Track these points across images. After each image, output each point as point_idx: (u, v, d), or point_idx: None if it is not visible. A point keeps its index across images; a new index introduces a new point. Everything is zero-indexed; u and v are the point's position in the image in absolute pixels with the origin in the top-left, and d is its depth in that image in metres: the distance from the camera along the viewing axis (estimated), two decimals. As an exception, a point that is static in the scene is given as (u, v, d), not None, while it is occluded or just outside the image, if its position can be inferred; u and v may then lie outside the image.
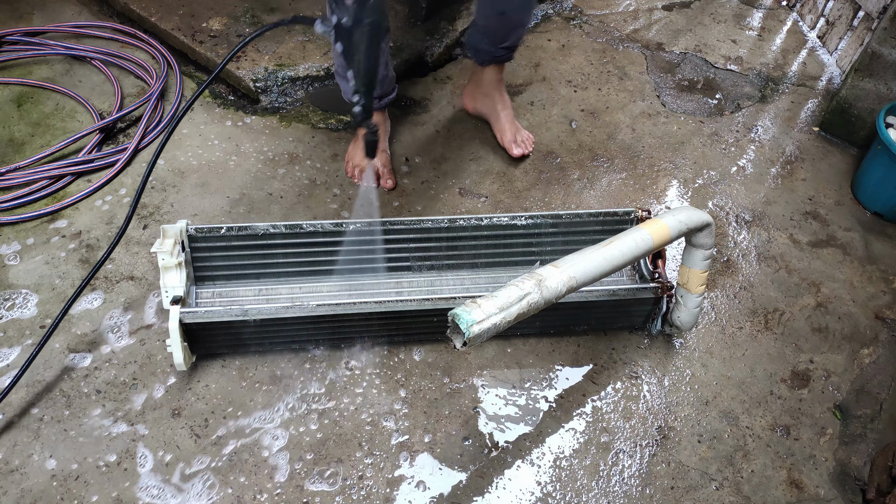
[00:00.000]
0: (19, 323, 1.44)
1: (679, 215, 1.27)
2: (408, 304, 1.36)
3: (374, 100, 1.79)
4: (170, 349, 1.28)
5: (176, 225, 1.37)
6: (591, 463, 1.34)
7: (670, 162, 2.02)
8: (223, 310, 1.31)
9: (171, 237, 1.36)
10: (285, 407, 1.37)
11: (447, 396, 1.42)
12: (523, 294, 1.03)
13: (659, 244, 1.22)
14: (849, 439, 1.44)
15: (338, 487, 1.26)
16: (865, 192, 1.97)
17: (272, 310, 1.32)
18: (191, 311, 1.30)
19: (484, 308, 0.99)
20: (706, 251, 1.35)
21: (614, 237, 1.19)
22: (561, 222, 1.53)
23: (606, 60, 2.37)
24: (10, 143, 1.81)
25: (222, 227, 1.41)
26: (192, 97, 1.31)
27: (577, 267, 1.11)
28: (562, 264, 1.11)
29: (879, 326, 1.66)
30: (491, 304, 1.01)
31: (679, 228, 1.26)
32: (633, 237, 1.20)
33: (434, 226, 1.48)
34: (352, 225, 1.44)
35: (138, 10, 2.15)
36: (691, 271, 1.38)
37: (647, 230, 1.22)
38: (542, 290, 1.05)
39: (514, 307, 1.02)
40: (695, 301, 1.41)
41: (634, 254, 1.18)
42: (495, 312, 1.00)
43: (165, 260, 1.33)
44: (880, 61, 2.01)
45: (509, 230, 1.51)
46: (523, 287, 1.04)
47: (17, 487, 1.21)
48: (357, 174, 1.83)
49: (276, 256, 1.45)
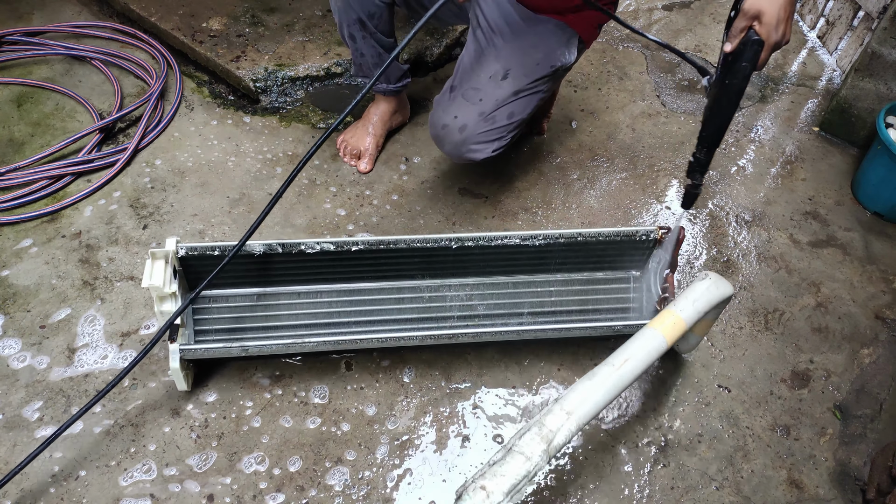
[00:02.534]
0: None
1: (698, 303, 1.18)
2: (410, 341, 1.33)
3: (382, 83, 1.80)
4: (171, 376, 1.29)
5: (164, 248, 1.28)
6: (591, 463, 1.34)
7: (670, 162, 2.02)
8: (222, 348, 1.29)
9: (160, 259, 1.27)
10: (285, 407, 1.37)
11: (447, 397, 1.42)
12: (532, 468, 0.97)
13: (674, 340, 1.16)
14: (849, 439, 1.44)
15: (338, 488, 1.26)
16: (865, 192, 1.97)
17: (272, 347, 1.30)
18: (190, 349, 1.27)
19: (492, 497, 0.95)
20: (719, 309, 1.28)
21: (626, 349, 1.11)
22: (575, 243, 1.45)
23: (606, 60, 2.37)
24: (10, 143, 1.81)
25: (216, 248, 1.32)
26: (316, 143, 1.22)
27: (587, 407, 1.04)
28: (570, 407, 1.03)
29: (879, 326, 1.66)
30: (498, 489, 0.95)
31: (696, 317, 1.19)
32: (642, 345, 1.12)
33: (440, 245, 1.40)
34: (353, 247, 1.37)
35: (138, 10, 2.15)
36: (702, 321, 1.29)
37: (660, 332, 1.14)
38: (550, 452, 0.99)
39: (523, 482, 0.97)
40: (697, 339, 1.40)
41: (646, 365, 1.12)
42: (504, 495, 0.95)
43: (159, 291, 1.25)
44: (880, 61, 2.01)
45: (521, 250, 1.45)
46: (532, 458, 0.98)
47: (17, 487, 1.21)
48: (345, 150, 1.88)
49: (274, 266, 1.41)
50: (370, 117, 1.88)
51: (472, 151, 1.54)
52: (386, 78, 1.79)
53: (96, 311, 1.48)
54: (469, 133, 1.51)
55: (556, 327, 1.41)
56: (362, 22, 1.61)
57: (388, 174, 1.87)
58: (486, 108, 1.50)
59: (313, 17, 2.22)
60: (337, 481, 1.27)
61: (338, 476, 1.28)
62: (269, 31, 2.14)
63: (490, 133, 1.53)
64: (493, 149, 1.55)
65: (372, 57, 1.71)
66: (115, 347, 1.42)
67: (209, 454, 1.28)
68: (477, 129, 1.51)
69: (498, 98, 1.50)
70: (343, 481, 1.27)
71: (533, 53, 1.53)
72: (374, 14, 1.60)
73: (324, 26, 2.20)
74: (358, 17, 1.60)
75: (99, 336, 1.43)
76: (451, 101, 1.54)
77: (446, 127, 1.53)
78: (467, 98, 1.51)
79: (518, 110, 1.54)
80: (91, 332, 1.44)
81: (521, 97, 1.53)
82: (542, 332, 1.40)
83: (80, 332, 1.44)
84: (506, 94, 1.51)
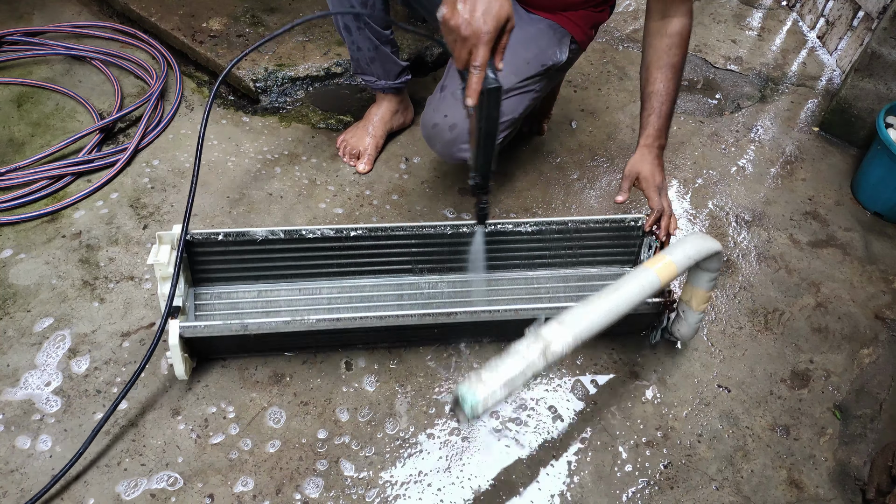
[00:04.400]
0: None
1: (687, 249, 1.23)
2: (408, 320, 1.34)
3: (382, 80, 1.80)
4: (170, 362, 1.28)
5: (172, 231, 1.33)
6: (590, 463, 1.34)
7: (670, 162, 2.02)
8: (222, 325, 1.29)
9: (167, 243, 1.32)
10: (285, 406, 1.37)
11: (447, 396, 1.42)
12: (527, 365, 1.02)
13: (666, 282, 1.19)
14: (849, 439, 1.44)
15: (338, 487, 1.26)
16: (865, 192, 1.97)
17: (272, 325, 1.31)
18: (190, 326, 1.28)
19: (488, 384, 0.99)
20: (712, 273, 1.32)
21: (620, 281, 1.16)
22: (566, 229, 1.50)
23: (606, 60, 2.37)
24: (10, 143, 1.81)
25: (220, 234, 1.38)
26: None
27: (583, 324, 1.08)
28: (567, 322, 1.08)
29: (879, 326, 1.66)
30: (495, 380, 0.99)
31: (686, 264, 1.22)
32: (639, 281, 1.16)
33: (437, 232, 1.45)
34: (352, 231, 1.42)
35: (138, 10, 2.16)
36: (695, 290, 1.36)
37: (654, 270, 1.18)
38: (547, 357, 1.03)
39: (519, 380, 1.01)
40: (696, 317, 1.40)
41: (641, 298, 1.15)
42: (500, 386, 0.99)
43: (163, 270, 1.30)
44: (880, 61, 2.01)
45: (513, 236, 1.49)
46: (528, 357, 1.02)
47: (17, 487, 1.21)
48: (344, 150, 1.87)
49: (276, 260, 1.44)
50: (371, 118, 1.88)
51: (463, 151, 1.53)
52: (385, 74, 1.78)
53: (96, 311, 1.48)
54: (459, 132, 1.50)
55: (551, 306, 1.41)
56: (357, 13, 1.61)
57: (387, 174, 1.87)
58: None
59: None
60: (338, 481, 1.27)
61: (339, 476, 1.28)
62: (270, 32, 2.14)
63: None
64: None
65: (368, 50, 1.70)
66: (115, 347, 1.42)
67: (209, 454, 1.29)
68: (467, 128, 1.51)
69: None
70: (344, 481, 1.27)
71: (523, 53, 1.52)
72: (368, 3, 1.58)
73: (324, 26, 2.20)
74: (352, 7, 1.59)
75: (99, 336, 1.43)
76: (441, 100, 1.53)
77: (437, 126, 1.52)
78: (457, 97, 1.50)
79: (508, 109, 1.52)
80: (91, 333, 1.44)
81: (511, 96, 1.52)
82: (538, 311, 1.40)
83: (80, 332, 1.44)
84: None
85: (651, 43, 1.42)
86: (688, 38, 1.41)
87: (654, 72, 1.40)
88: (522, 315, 1.38)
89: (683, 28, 1.39)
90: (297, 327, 1.31)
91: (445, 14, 1.02)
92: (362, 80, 1.83)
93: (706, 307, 1.39)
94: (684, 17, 1.40)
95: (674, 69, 1.39)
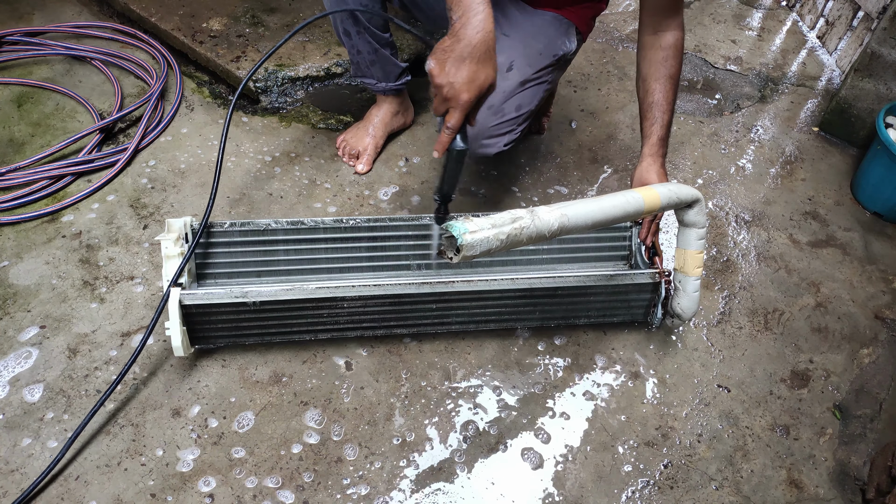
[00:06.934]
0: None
1: (670, 186, 1.29)
2: (406, 288, 1.36)
3: (382, 82, 1.82)
4: (168, 332, 1.28)
5: (180, 219, 1.37)
6: (591, 462, 1.35)
7: (670, 162, 2.02)
8: (223, 291, 1.32)
9: (175, 231, 1.36)
10: (285, 406, 1.37)
11: (447, 395, 1.42)
12: (516, 218, 1.06)
13: (649, 209, 1.24)
14: (848, 439, 1.44)
15: (339, 487, 1.26)
16: (865, 192, 1.97)
17: (272, 292, 1.33)
18: (190, 293, 1.30)
19: (477, 222, 1.03)
20: (699, 230, 1.35)
21: (608, 195, 1.23)
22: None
23: (606, 60, 2.37)
24: (10, 143, 1.81)
25: (225, 222, 1.42)
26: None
27: (570, 208, 1.14)
28: (555, 205, 1.14)
29: (879, 326, 1.66)
30: (484, 220, 1.04)
31: (669, 198, 1.27)
32: (624, 196, 1.22)
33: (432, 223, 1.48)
34: (351, 221, 1.45)
35: (138, 10, 2.16)
36: (687, 252, 1.38)
37: (639, 193, 1.24)
38: (535, 220, 1.08)
39: (507, 227, 1.05)
40: (694, 284, 1.41)
41: (625, 210, 1.20)
42: (488, 227, 1.03)
43: (168, 248, 1.34)
44: (880, 61, 2.01)
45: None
46: (516, 214, 1.07)
47: (17, 487, 1.21)
48: (344, 150, 1.88)
49: (278, 254, 1.46)
50: (371, 118, 1.88)
51: (484, 146, 1.54)
52: (385, 76, 1.79)
53: (96, 311, 1.48)
54: (480, 127, 1.50)
55: (549, 275, 1.44)
56: (354, 16, 1.61)
57: (387, 174, 1.87)
58: (495, 100, 1.50)
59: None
60: (337, 480, 1.27)
61: (338, 475, 1.28)
62: (270, 32, 2.15)
63: (500, 126, 1.53)
64: (505, 142, 1.56)
65: (368, 53, 1.71)
66: (115, 347, 1.42)
67: (209, 453, 1.29)
68: (487, 123, 1.51)
69: (505, 90, 1.50)
70: (343, 481, 1.27)
71: (534, 44, 1.53)
72: (366, 6, 1.58)
73: (324, 26, 2.20)
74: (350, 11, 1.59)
75: (99, 336, 1.44)
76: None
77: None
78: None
79: (525, 101, 1.54)
80: (91, 333, 1.44)
81: (527, 87, 1.53)
82: (536, 280, 1.42)
83: (80, 332, 1.44)
84: (512, 85, 1.51)
85: (646, 56, 1.45)
86: (682, 49, 1.44)
87: (651, 83, 1.44)
88: (519, 284, 1.40)
89: (677, 40, 1.43)
90: (297, 294, 1.33)
91: (433, 69, 1.09)
92: (363, 82, 1.83)
93: (701, 271, 1.40)
94: (676, 30, 1.43)
95: (671, 80, 1.43)
